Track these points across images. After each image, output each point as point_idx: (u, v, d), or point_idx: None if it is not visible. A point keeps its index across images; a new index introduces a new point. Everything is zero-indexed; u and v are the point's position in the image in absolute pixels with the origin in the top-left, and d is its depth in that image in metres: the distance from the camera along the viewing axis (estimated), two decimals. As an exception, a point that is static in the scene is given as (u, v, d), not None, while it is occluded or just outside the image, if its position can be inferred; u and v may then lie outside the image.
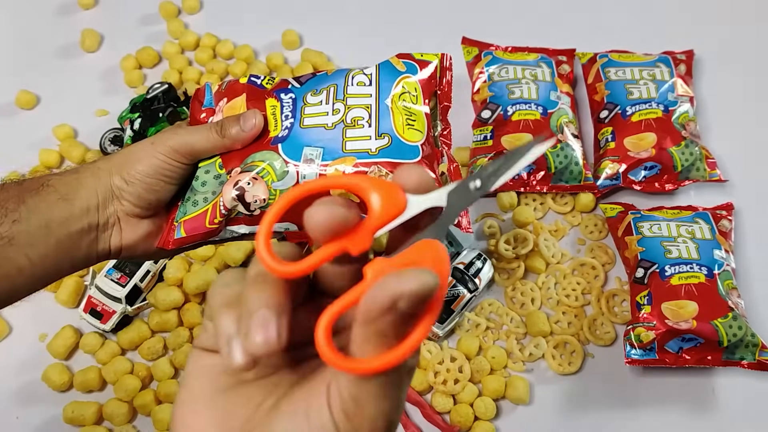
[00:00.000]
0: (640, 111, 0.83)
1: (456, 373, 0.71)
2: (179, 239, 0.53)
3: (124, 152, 0.53)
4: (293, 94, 0.55)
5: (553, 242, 0.80)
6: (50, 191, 0.49)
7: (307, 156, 0.51)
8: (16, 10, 1.01)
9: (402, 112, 0.52)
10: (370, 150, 0.51)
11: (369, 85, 0.54)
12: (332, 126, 0.52)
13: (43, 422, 0.72)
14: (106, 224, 0.52)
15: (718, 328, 0.69)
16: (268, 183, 0.51)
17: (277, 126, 0.53)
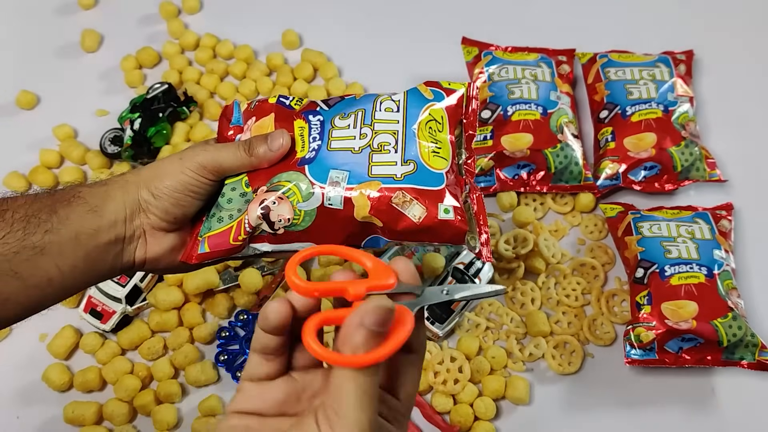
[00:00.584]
0: (640, 111, 0.83)
1: (456, 373, 0.71)
2: (203, 254, 0.53)
3: (153, 166, 0.54)
4: (321, 117, 0.55)
5: (553, 242, 0.80)
6: (81, 203, 0.50)
7: (333, 179, 0.51)
8: (16, 10, 1.01)
9: (428, 139, 0.53)
10: (395, 176, 0.51)
11: (396, 111, 0.55)
12: (359, 150, 0.53)
13: (43, 422, 0.72)
14: (132, 237, 0.53)
15: (717, 328, 0.69)
16: (293, 203, 0.51)
17: (305, 147, 0.53)
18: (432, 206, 0.51)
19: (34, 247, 0.47)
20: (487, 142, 0.83)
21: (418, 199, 0.51)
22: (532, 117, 0.82)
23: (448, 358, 0.72)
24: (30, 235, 0.47)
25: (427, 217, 0.50)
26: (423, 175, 0.52)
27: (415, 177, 0.51)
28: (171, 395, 0.72)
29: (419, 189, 0.51)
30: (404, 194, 0.51)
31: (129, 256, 0.53)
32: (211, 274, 0.76)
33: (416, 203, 0.50)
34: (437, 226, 0.51)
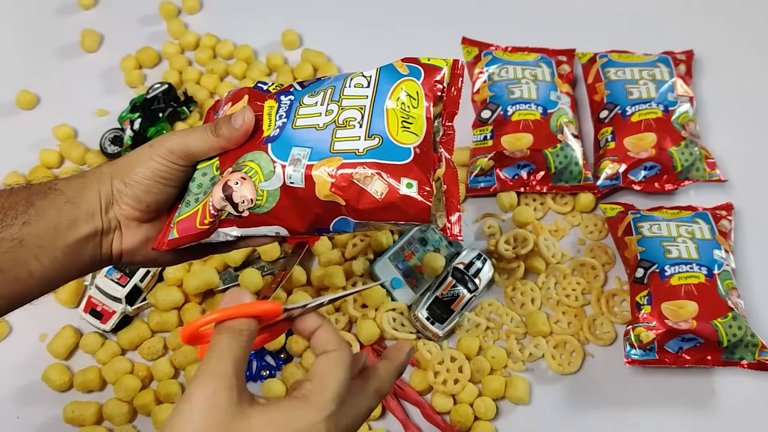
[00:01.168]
0: (639, 111, 0.83)
1: (456, 373, 0.71)
2: (172, 240, 0.53)
3: (126, 156, 0.53)
4: (293, 96, 0.55)
5: (553, 242, 0.80)
6: (57, 195, 0.50)
7: (294, 156, 0.50)
8: (16, 11, 1.01)
9: (398, 113, 0.51)
10: (358, 150, 0.49)
11: (367, 87, 0.53)
12: (323, 126, 0.51)
13: (43, 422, 0.72)
14: (109, 228, 0.52)
15: (717, 328, 0.69)
16: (255, 183, 0.50)
17: (271, 126, 0.52)
18: (395, 181, 0.49)
19: (12, 239, 0.47)
20: (487, 142, 0.83)
21: (380, 174, 0.49)
22: (532, 117, 0.82)
23: (448, 358, 0.72)
24: (7, 227, 0.47)
25: (389, 192, 0.48)
26: (388, 149, 0.49)
27: (379, 151, 0.49)
28: (171, 395, 0.72)
29: (381, 163, 0.49)
30: (365, 168, 0.49)
31: (106, 249, 0.53)
32: (211, 274, 0.76)
33: (378, 178, 0.48)
34: (400, 202, 0.49)
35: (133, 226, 0.53)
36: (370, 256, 0.79)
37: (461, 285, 0.75)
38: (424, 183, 0.49)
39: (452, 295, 0.74)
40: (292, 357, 0.75)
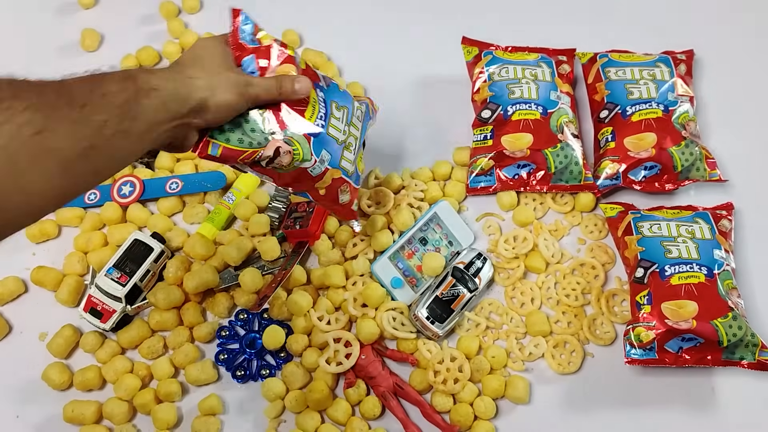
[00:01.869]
0: (640, 111, 0.83)
1: (456, 372, 0.71)
2: (212, 156, 0.61)
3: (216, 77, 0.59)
4: (323, 94, 0.67)
5: (552, 242, 0.80)
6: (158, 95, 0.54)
7: (322, 157, 0.65)
8: (16, 10, 1.01)
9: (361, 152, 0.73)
10: (348, 170, 0.69)
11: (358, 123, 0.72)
12: (340, 142, 0.68)
13: (43, 421, 0.72)
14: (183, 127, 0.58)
15: (718, 327, 0.69)
16: (293, 159, 0.63)
17: (313, 117, 0.65)
18: (353, 197, 0.72)
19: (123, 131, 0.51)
20: (487, 142, 0.83)
21: (352, 193, 0.71)
22: (532, 117, 0.82)
23: (448, 358, 0.72)
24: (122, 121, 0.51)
25: (348, 202, 0.71)
26: (356, 176, 0.71)
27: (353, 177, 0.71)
28: (171, 394, 0.72)
29: (353, 186, 0.71)
30: (347, 186, 0.70)
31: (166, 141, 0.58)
32: (211, 274, 0.76)
33: (347, 193, 0.70)
34: (346, 207, 0.71)
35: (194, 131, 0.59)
36: (370, 256, 0.79)
37: (461, 284, 0.75)
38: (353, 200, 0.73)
39: (452, 294, 0.74)
40: (292, 356, 0.75)
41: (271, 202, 0.83)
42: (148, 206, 0.84)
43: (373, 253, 0.79)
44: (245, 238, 0.79)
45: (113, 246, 0.80)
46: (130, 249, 0.77)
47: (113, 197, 0.83)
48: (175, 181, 0.83)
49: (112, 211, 0.81)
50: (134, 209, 0.82)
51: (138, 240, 0.77)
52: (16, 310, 0.78)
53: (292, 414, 0.72)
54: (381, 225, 0.79)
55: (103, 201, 0.83)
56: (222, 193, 0.84)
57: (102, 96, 0.50)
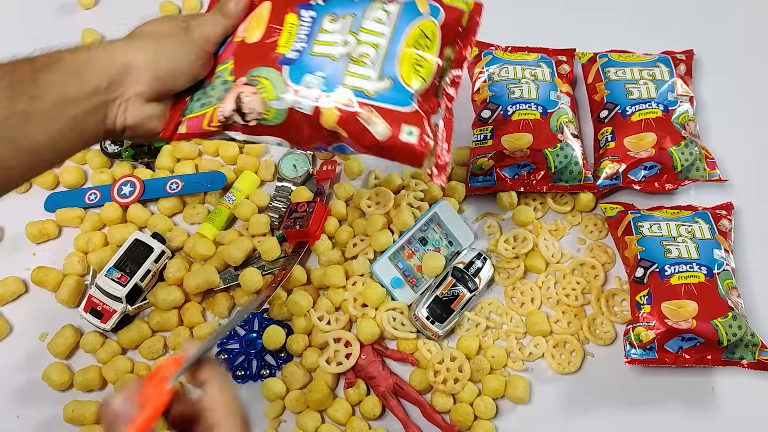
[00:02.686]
0: (639, 111, 0.83)
1: (456, 372, 0.71)
2: (180, 134, 0.55)
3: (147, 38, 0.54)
4: (314, 13, 0.55)
5: (552, 242, 0.80)
6: (62, 67, 0.50)
7: (307, 83, 0.52)
8: (16, 10, 1.01)
9: (412, 55, 0.52)
10: (368, 91, 0.52)
11: (386, 24, 0.53)
12: (338, 57, 0.53)
13: (43, 421, 0.72)
14: (114, 102, 0.53)
15: (717, 327, 0.69)
16: (265, 99, 0.52)
17: (288, 44, 0.53)
18: (396, 127, 0.51)
19: (20, 113, 0.48)
20: (487, 142, 0.83)
21: (385, 117, 0.51)
22: (532, 117, 0.82)
23: (448, 358, 0.72)
24: (15, 101, 0.48)
25: (391, 137, 0.51)
26: (396, 93, 0.52)
27: (387, 95, 0.51)
28: (171, 394, 0.72)
29: (387, 109, 0.51)
30: (371, 110, 0.51)
31: (111, 122, 0.53)
32: (212, 274, 0.76)
33: (382, 122, 0.51)
34: (399, 147, 0.52)
35: (139, 102, 0.54)
36: (370, 256, 0.79)
37: (461, 284, 0.75)
38: (425, 132, 0.51)
39: (452, 294, 0.75)
40: (292, 356, 0.75)
41: (271, 202, 0.83)
42: (149, 206, 0.84)
43: (373, 253, 0.79)
44: (245, 238, 0.79)
45: (113, 246, 0.80)
46: (131, 249, 0.77)
47: (113, 197, 0.83)
48: (175, 181, 0.83)
49: (113, 211, 0.82)
50: (134, 209, 0.82)
51: (138, 240, 0.77)
52: (16, 311, 0.79)
53: (292, 414, 0.72)
54: (381, 225, 0.79)
55: (104, 201, 0.83)
56: (222, 193, 0.84)
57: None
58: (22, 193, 0.86)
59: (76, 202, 0.83)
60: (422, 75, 0.52)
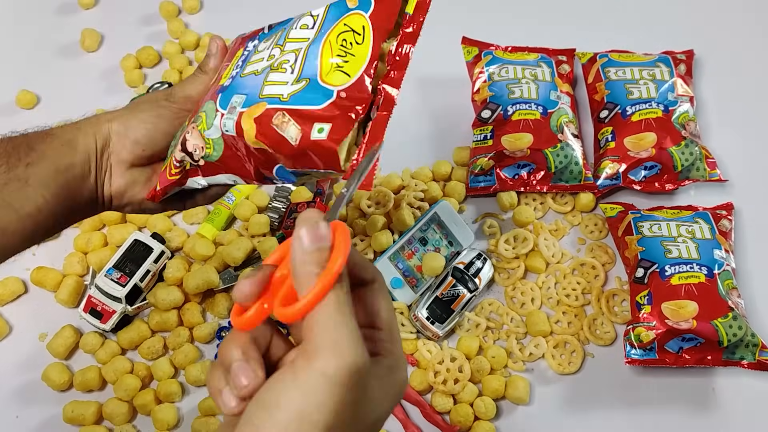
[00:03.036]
0: (640, 111, 0.83)
1: (456, 372, 0.71)
2: (156, 192, 0.55)
3: (127, 107, 0.57)
4: (257, 41, 0.54)
5: (553, 242, 0.80)
6: (54, 138, 0.53)
7: (232, 104, 0.50)
8: (16, 10, 1.01)
9: (334, 52, 0.48)
10: (282, 96, 0.47)
11: (311, 28, 0.50)
12: (260, 71, 0.50)
13: (43, 422, 0.72)
14: (101, 169, 0.55)
15: (718, 328, 0.69)
16: (201, 131, 0.51)
17: (228, 75, 0.53)
18: (307, 126, 0.46)
19: (19, 179, 0.50)
20: (487, 142, 0.83)
21: (296, 119, 0.46)
22: (532, 117, 0.82)
23: (448, 358, 0.72)
24: (13, 168, 0.50)
25: (302, 138, 0.46)
26: (311, 93, 0.47)
27: (301, 96, 0.47)
28: (171, 395, 0.72)
29: (299, 109, 0.46)
30: (283, 115, 0.47)
31: (101, 190, 0.56)
32: (211, 274, 0.76)
33: (293, 123, 0.46)
34: (312, 148, 0.46)
35: (122, 169, 0.56)
36: (370, 256, 0.79)
37: (461, 285, 0.75)
38: (338, 127, 0.45)
39: (452, 294, 0.74)
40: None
41: (271, 202, 0.83)
42: (148, 206, 0.84)
43: (373, 254, 0.79)
44: (245, 238, 0.79)
45: (113, 246, 0.80)
46: (130, 249, 0.76)
47: (113, 197, 0.82)
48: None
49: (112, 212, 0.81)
50: (134, 209, 0.82)
51: (138, 240, 0.77)
52: (16, 311, 0.78)
53: (292, 414, 0.72)
54: (381, 225, 0.79)
55: (103, 201, 0.83)
56: (222, 194, 0.84)
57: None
58: (22, 193, 0.86)
59: (76, 202, 0.83)
60: (346, 70, 0.47)
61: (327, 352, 0.33)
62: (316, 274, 0.34)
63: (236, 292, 0.37)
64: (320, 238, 0.35)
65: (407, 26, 0.50)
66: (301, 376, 0.33)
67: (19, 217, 0.50)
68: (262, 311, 0.36)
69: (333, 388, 0.33)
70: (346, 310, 0.34)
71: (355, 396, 0.34)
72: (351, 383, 0.33)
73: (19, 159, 0.51)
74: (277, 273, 0.37)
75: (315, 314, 0.34)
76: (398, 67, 0.49)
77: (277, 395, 0.34)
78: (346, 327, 0.34)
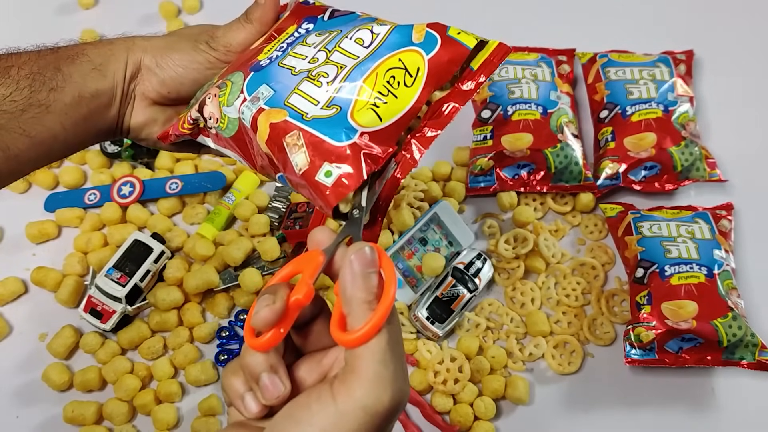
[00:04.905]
0: (640, 111, 0.83)
1: (456, 372, 0.71)
2: (169, 135, 0.53)
3: (164, 37, 0.54)
4: (312, 26, 0.51)
5: (553, 242, 0.80)
6: (85, 60, 0.50)
7: (257, 94, 0.46)
8: (16, 10, 1.01)
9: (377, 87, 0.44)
10: (305, 114, 0.44)
11: (365, 47, 0.46)
12: (297, 72, 0.46)
13: (43, 422, 0.72)
14: (127, 100, 0.53)
15: (717, 328, 0.69)
16: (220, 104, 0.48)
17: (269, 52, 0.49)
18: (317, 162, 0.43)
19: (39, 105, 0.48)
20: (487, 142, 0.83)
21: (309, 147, 0.43)
22: (532, 117, 0.82)
23: (448, 358, 0.72)
24: (36, 93, 0.48)
25: (307, 171, 0.43)
26: (335, 124, 0.43)
27: (324, 123, 0.43)
28: (171, 395, 0.72)
29: (316, 137, 0.43)
30: (299, 137, 0.43)
31: (121, 120, 0.54)
32: (211, 274, 0.76)
33: (303, 151, 0.43)
34: (312, 186, 0.43)
35: (145, 104, 0.54)
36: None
37: (461, 285, 0.75)
38: (348, 177, 0.42)
39: (452, 294, 0.74)
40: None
41: (271, 202, 0.83)
42: (148, 206, 0.84)
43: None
44: (245, 238, 0.79)
45: (113, 246, 0.80)
46: (130, 249, 0.76)
47: (113, 197, 0.82)
48: (175, 181, 0.83)
49: (112, 212, 0.81)
50: (134, 209, 0.82)
51: (138, 240, 0.77)
52: (16, 311, 0.78)
53: (292, 414, 0.72)
54: (381, 225, 0.79)
55: (103, 201, 0.83)
56: (222, 194, 0.84)
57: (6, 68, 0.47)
58: (22, 193, 0.86)
59: (76, 203, 0.83)
60: (380, 113, 0.43)
61: (370, 384, 0.35)
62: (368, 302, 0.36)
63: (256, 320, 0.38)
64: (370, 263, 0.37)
65: (464, 82, 0.46)
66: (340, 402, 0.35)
67: (32, 144, 0.48)
68: (278, 335, 0.38)
69: (367, 418, 0.34)
70: (396, 348, 0.36)
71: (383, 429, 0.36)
72: (384, 418, 0.35)
73: (44, 82, 0.48)
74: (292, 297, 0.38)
75: (367, 346, 0.35)
76: (436, 125, 0.46)
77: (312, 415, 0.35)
78: (393, 365, 0.35)
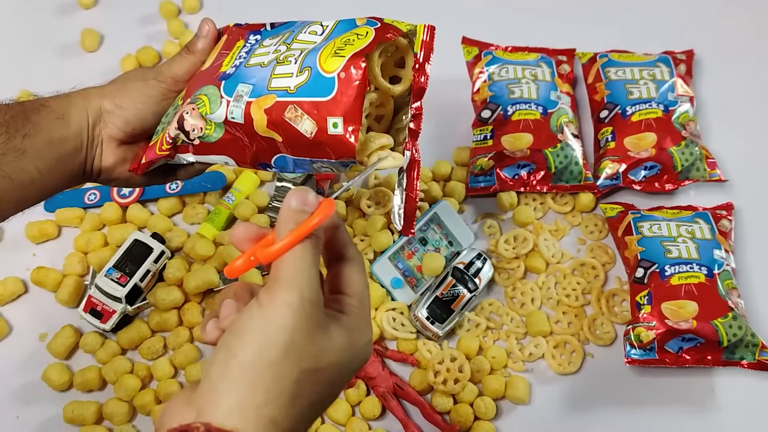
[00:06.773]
0: (640, 111, 0.83)
1: (456, 372, 0.71)
2: (141, 164, 0.57)
3: (116, 81, 0.59)
4: (260, 36, 0.57)
5: (553, 242, 0.80)
6: (48, 111, 0.55)
7: (238, 92, 0.52)
8: (16, 10, 1.01)
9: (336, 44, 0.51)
10: (289, 88, 0.50)
11: (319, 35, 0.54)
12: (267, 64, 0.53)
13: (43, 422, 0.72)
14: (92, 145, 0.57)
15: (718, 328, 0.69)
16: (202, 114, 0.54)
17: (230, 63, 0.55)
18: (322, 120, 0.49)
19: (16, 150, 0.52)
20: (487, 142, 0.83)
21: (309, 113, 0.49)
22: (532, 117, 0.82)
23: (448, 358, 0.72)
24: (11, 138, 0.52)
25: (318, 131, 0.49)
26: (315, 82, 0.49)
27: (307, 88, 0.50)
28: (171, 395, 0.72)
29: (310, 101, 0.49)
30: (296, 109, 0.50)
31: (90, 164, 0.57)
32: (211, 274, 0.76)
33: (307, 118, 0.49)
34: (328, 141, 0.49)
35: (112, 146, 0.58)
36: (370, 256, 0.79)
37: (461, 285, 0.75)
38: (349, 120, 0.49)
39: (452, 294, 0.74)
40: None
41: (271, 202, 0.83)
42: (148, 206, 0.84)
43: (373, 254, 0.79)
44: (245, 238, 0.79)
45: (113, 246, 0.80)
46: (130, 249, 0.76)
47: (113, 197, 0.82)
48: (174, 181, 0.83)
49: (112, 212, 0.81)
50: (134, 209, 0.82)
51: (138, 240, 0.77)
52: (16, 311, 0.78)
53: (292, 414, 0.72)
54: (381, 225, 0.79)
55: (103, 201, 0.83)
56: (222, 194, 0.84)
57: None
58: (22, 193, 0.86)
59: (76, 203, 0.83)
60: (342, 54, 0.50)
61: (286, 284, 0.39)
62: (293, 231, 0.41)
63: (232, 234, 0.43)
64: (305, 203, 0.42)
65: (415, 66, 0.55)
66: (265, 305, 0.39)
67: (14, 186, 0.52)
68: (249, 262, 0.43)
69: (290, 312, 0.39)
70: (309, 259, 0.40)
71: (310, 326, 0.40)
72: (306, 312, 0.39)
73: (17, 129, 0.52)
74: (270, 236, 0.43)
75: (283, 258, 0.40)
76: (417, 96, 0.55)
77: (245, 322, 0.39)
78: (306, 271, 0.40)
